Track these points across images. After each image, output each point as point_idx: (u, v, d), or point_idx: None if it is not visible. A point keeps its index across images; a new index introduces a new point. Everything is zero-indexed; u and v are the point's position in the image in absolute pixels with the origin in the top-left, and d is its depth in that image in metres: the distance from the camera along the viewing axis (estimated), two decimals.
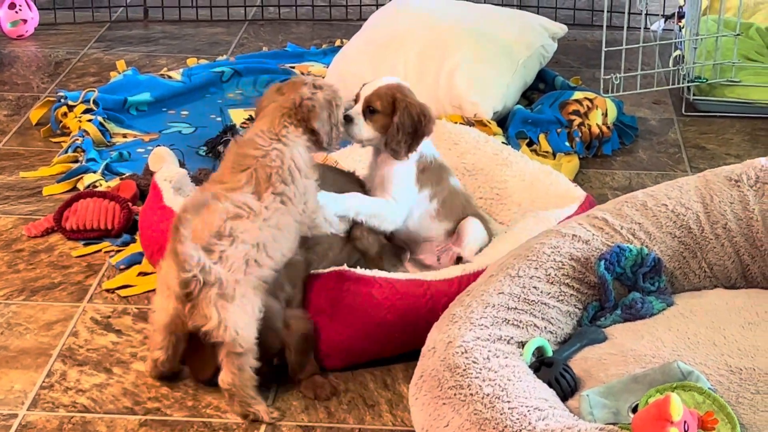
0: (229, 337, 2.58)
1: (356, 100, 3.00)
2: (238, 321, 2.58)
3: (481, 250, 3.02)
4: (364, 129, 2.96)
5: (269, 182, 2.68)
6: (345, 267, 2.78)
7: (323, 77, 4.26)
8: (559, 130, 3.86)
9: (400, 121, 2.94)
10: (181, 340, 2.67)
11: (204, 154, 3.82)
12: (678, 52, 4.33)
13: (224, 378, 2.61)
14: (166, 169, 3.21)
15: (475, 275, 2.82)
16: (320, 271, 2.79)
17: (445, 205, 3.06)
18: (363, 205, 2.94)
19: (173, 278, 2.57)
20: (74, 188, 3.62)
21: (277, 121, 2.75)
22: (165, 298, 2.64)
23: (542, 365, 2.39)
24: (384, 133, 2.96)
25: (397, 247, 3.05)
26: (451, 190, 3.09)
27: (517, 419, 2.17)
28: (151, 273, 3.13)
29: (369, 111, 2.96)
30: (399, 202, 2.99)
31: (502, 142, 3.60)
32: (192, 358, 2.71)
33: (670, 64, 4.35)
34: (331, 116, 2.79)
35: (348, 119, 2.94)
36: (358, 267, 2.81)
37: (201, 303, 2.57)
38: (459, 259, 3.02)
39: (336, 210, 2.87)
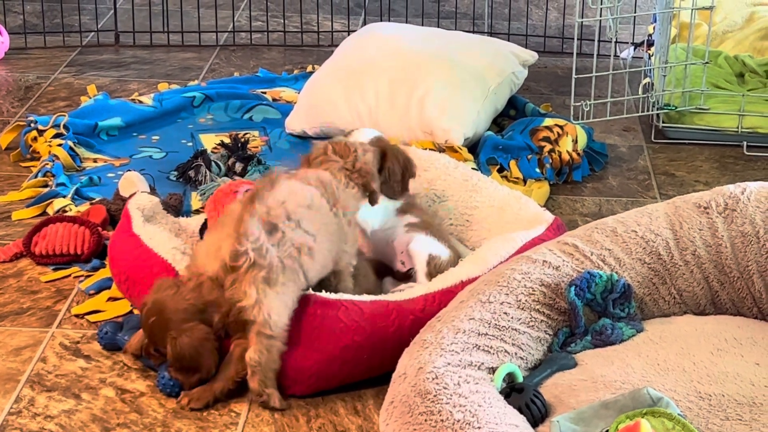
0: (262, 318, 2.67)
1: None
2: (273, 306, 2.68)
3: (436, 266, 3.05)
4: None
5: (332, 194, 2.89)
6: (310, 291, 2.78)
7: (294, 103, 4.27)
8: (529, 156, 3.87)
9: (391, 168, 3.13)
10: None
11: (175, 179, 3.81)
12: (647, 80, 4.36)
13: (251, 355, 2.68)
14: (140, 197, 3.20)
15: (440, 293, 2.85)
16: None
17: (408, 199, 3.22)
18: None
19: (227, 246, 2.67)
20: (44, 213, 3.60)
21: (337, 175, 2.97)
22: (211, 258, 2.73)
23: (513, 391, 2.40)
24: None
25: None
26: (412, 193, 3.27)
27: None
28: (121, 298, 3.12)
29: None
30: (373, 207, 3.14)
31: (473, 168, 3.61)
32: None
33: (640, 91, 4.37)
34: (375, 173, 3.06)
35: None
36: (323, 291, 2.82)
37: (245, 279, 2.67)
38: (408, 277, 3.12)
39: None
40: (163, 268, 2.93)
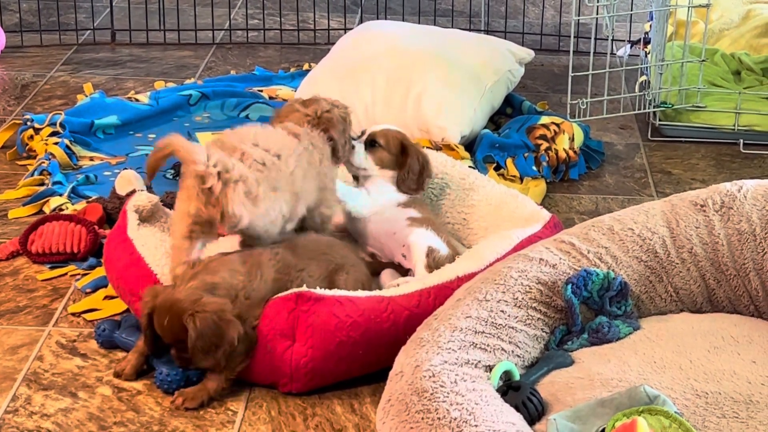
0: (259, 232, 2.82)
1: (361, 135, 3.31)
2: (261, 222, 2.79)
3: (435, 259, 3.06)
4: (362, 158, 3.26)
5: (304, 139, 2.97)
6: (304, 288, 2.78)
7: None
8: (526, 154, 3.87)
9: (411, 164, 3.25)
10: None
11: (171, 177, 3.80)
12: (644, 78, 4.36)
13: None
14: (140, 196, 3.18)
15: (435, 289, 2.85)
16: (278, 294, 2.80)
17: (413, 200, 3.27)
18: (342, 186, 3.22)
19: (193, 205, 2.74)
20: (40, 211, 3.60)
21: (304, 125, 3.04)
22: (185, 200, 2.77)
23: (510, 389, 2.40)
24: (380, 166, 3.26)
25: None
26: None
27: None
28: (117, 297, 3.12)
29: (371, 144, 3.27)
30: (372, 195, 3.24)
31: (470, 167, 3.61)
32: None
33: (636, 89, 4.38)
34: (345, 131, 3.10)
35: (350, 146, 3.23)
36: (318, 287, 2.82)
37: (228, 202, 2.72)
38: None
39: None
40: (150, 280, 2.92)
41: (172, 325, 2.69)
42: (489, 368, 2.46)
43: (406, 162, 3.25)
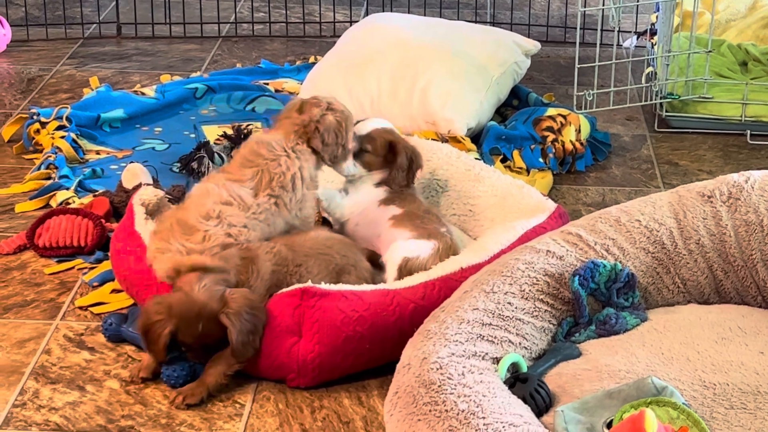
0: None
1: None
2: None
3: (410, 270, 3.00)
4: (351, 167, 3.21)
5: (270, 185, 2.94)
6: (310, 283, 2.77)
7: (297, 94, 4.27)
8: (532, 146, 3.87)
9: (400, 162, 3.19)
10: None
11: (177, 170, 3.81)
12: (650, 69, 4.35)
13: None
14: (145, 191, 3.18)
15: (440, 280, 2.86)
16: (284, 290, 2.80)
17: (394, 193, 3.22)
18: (326, 190, 3.25)
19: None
20: (47, 205, 3.60)
21: (291, 136, 3.04)
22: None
23: (517, 381, 2.40)
24: (368, 169, 3.22)
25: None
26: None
27: None
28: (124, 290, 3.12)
29: (359, 150, 3.21)
30: (351, 196, 3.24)
31: (476, 159, 3.61)
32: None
33: (643, 80, 4.37)
34: (338, 137, 3.07)
35: None
36: (323, 282, 2.81)
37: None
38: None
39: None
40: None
41: (209, 329, 2.70)
42: (496, 360, 2.46)
43: (395, 161, 3.20)
